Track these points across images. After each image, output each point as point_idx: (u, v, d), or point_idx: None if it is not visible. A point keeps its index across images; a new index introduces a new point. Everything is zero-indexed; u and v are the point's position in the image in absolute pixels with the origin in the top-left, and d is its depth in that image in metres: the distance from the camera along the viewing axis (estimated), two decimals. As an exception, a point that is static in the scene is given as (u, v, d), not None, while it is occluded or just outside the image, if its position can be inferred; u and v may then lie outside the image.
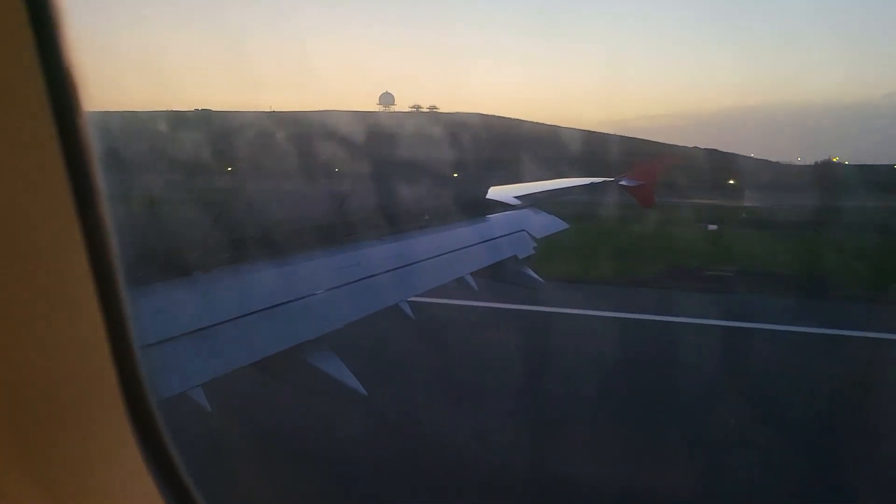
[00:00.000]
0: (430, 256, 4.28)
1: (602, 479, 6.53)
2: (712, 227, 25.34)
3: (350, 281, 3.45)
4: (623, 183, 9.22)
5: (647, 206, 9.89)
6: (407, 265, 4.00)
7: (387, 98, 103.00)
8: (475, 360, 10.05)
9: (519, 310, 12.04)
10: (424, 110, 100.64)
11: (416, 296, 3.89)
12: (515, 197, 6.63)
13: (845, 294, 14.41)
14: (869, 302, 13.93)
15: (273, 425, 7.53)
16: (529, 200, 6.71)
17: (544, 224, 6.26)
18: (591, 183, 9.23)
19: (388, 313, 3.62)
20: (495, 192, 6.50)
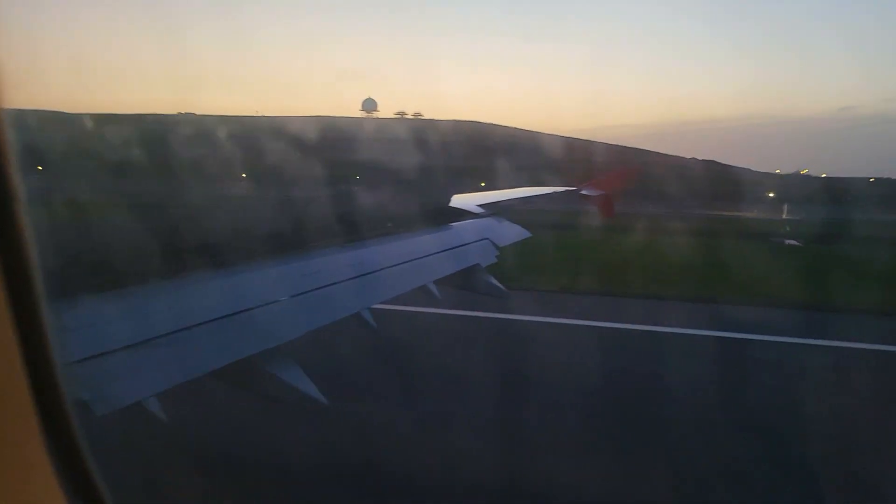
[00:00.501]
0: (392, 264, 4.27)
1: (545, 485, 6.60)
2: (791, 242, 24.98)
3: (310, 289, 3.42)
4: (584, 192, 9.32)
5: (608, 216, 10.00)
6: (368, 273, 3.98)
7: (369, 104, 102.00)
8: (433, 367, 10.09)
9: (480, 317, 12.10)
10: (409, 117, 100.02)
11: (379, 304, 3.87)
12: (478, 205, 6.65)
13: None
14: None
15: (226, 434, 7.43)
16: (492, 209, 6.75)
17: (507, 233, 6.29)
18: (554, 192, 9.31)
19: (350, 322, 3.59)
20: (458, 201, 6.53)
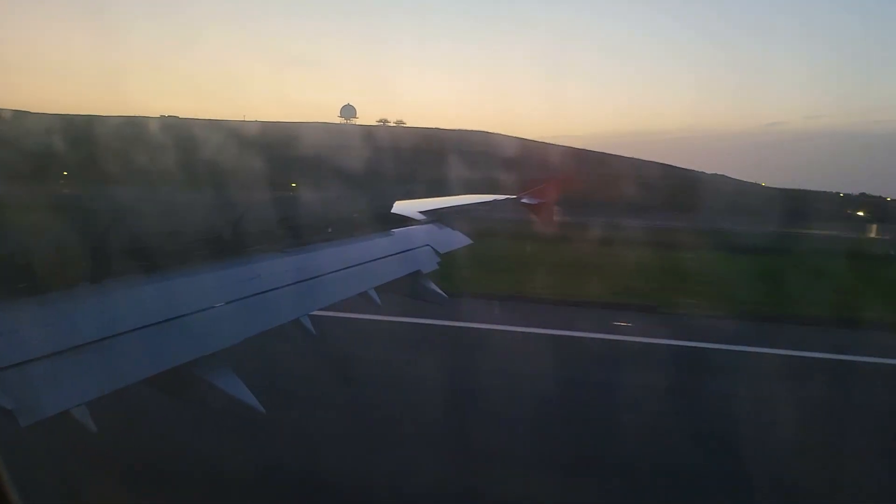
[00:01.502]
0: (333, 270, 4.23)
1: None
2: None
3: (248, 295, 3.36)
4: (524, 201, 9.43)
5: (546, 225, 10.15)
6: (308, 279, 3.93)
7: (348, 110, 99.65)
8: (369, 374, 10.09)
9: (421, 324, 12.11)
10: (391, 124, 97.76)
11: (319, 310, 3.83)
12: (420, 212, 6.66)
13: None
14: None
15: (157, 445, 7.21)
16: (434, 216, 6.77)
17: (449, 239, 6.32)
18: (495, 200, 9.39)
19: (289, 328, 3.54)
20: (400, 207, 6.52)
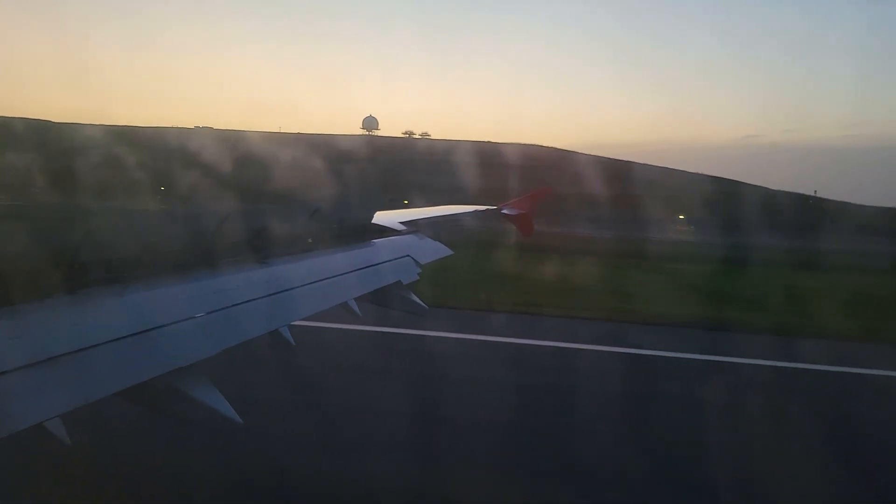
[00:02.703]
0: (313, 281, 4.23)
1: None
2: None
3: (228, 305, 3.34)
4: (504, 212, 9.49)
5: (527, 236, 10.21)
6: (288, 290, 3.92)
7: (370, 122, 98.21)
8: (347, 383, 10.06)
9: (399, 334, 12.09)
10: (416, 136, 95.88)
11: (299, 321, 3.82)
12: (401, 223, 6.68)
13: None
14: None
15: (132, 457, 7.10)
16: (415, 226, 6.79)
17: (429, 250, 6.34)
18: (475, 210, 9.44)
19: (269, 339, 3.53)
20: (381, 218, 6.53)
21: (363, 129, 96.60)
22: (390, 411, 8.92)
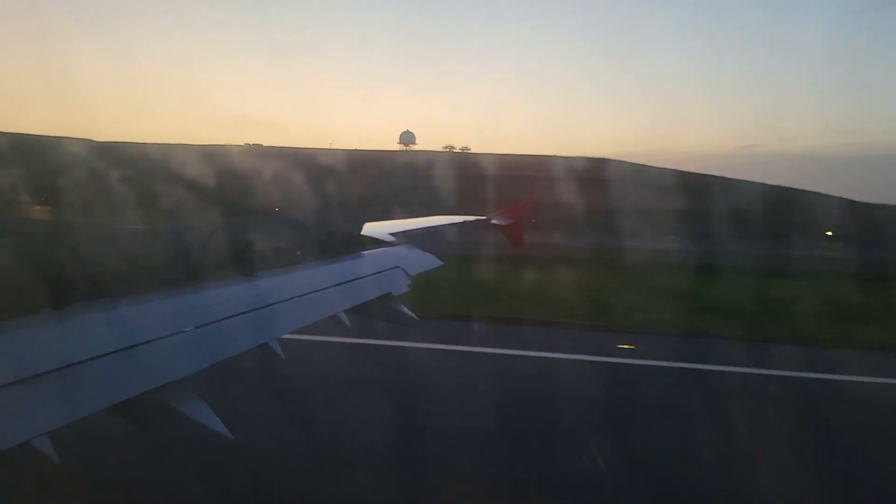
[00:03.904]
0: (301, 294, 4.21)
1: None
2: None
3: (216, 319, 3.32)
4: (494, 222, 9.49)
5: (517, 246, 10.20)
6: (276, 303, 3.90)
7: (407, 136, 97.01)
8: (337, 396, 10.04)
9: (390, 346, 12.05)
10: (457, 150, 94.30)
11: (288, 334, 3.80)
12: (390, 234, 6.67)
13: None
14: None
15: (121, 475, 7.03)
16: (404, 237, 6.78)
17: (419, 261, 6.33)
18: (465, 221, 9.43)
19: (258, 352, 3.51)
20: (370, 229, 6.52)
21: (400, 143, 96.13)
22: (379, 423, 8.88)
